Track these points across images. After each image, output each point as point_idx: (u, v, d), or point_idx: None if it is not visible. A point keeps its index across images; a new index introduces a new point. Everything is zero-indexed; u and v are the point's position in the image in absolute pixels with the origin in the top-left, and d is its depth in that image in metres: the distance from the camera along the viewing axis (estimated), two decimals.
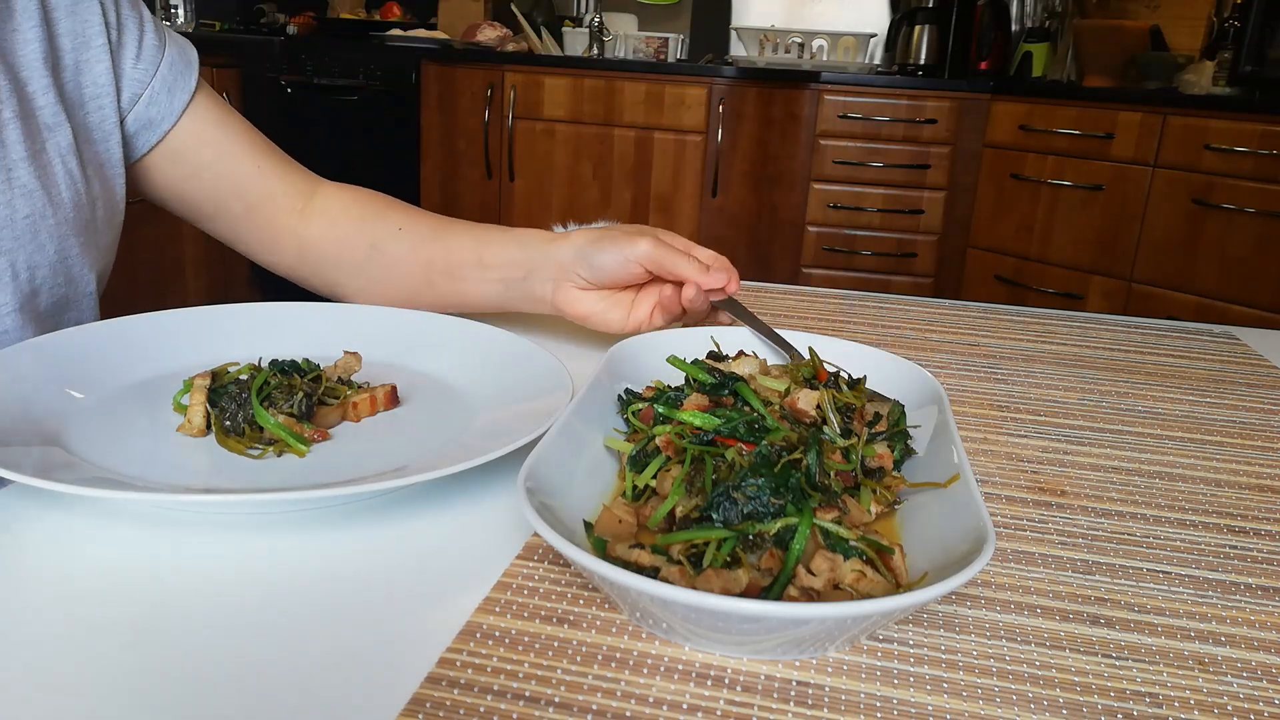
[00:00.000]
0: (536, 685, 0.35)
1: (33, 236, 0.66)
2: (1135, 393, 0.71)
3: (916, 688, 0.36)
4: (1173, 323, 0.92)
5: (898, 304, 0.93)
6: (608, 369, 0.54)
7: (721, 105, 2.87)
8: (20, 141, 0.66)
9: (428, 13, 3.46)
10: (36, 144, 0.67)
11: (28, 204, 0.66)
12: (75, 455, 0.49)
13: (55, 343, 0.60)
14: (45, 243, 0.67)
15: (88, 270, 0.71)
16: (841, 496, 0.43)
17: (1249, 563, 0.47)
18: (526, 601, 0.40)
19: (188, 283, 2.93)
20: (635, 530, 0.43)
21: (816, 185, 3.00)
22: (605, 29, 3.34)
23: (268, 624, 0.38)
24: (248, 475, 0.49)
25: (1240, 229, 2.39)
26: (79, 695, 0.33)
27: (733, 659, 0.37)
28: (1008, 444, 0.60)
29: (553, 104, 2.96)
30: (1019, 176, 2.80)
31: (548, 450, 0.43)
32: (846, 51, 3.30)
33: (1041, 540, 0.48)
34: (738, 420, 0.46)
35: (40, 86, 0.68)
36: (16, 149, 0.66)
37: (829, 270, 3.05)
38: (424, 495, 0.49)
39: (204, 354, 0.62)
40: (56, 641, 0.36)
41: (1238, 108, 2.39)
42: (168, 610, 0.38)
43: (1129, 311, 2.55)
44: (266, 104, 3.08)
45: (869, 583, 0.38)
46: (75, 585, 0.40)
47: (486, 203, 3.10)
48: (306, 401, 0.54)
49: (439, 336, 0.67)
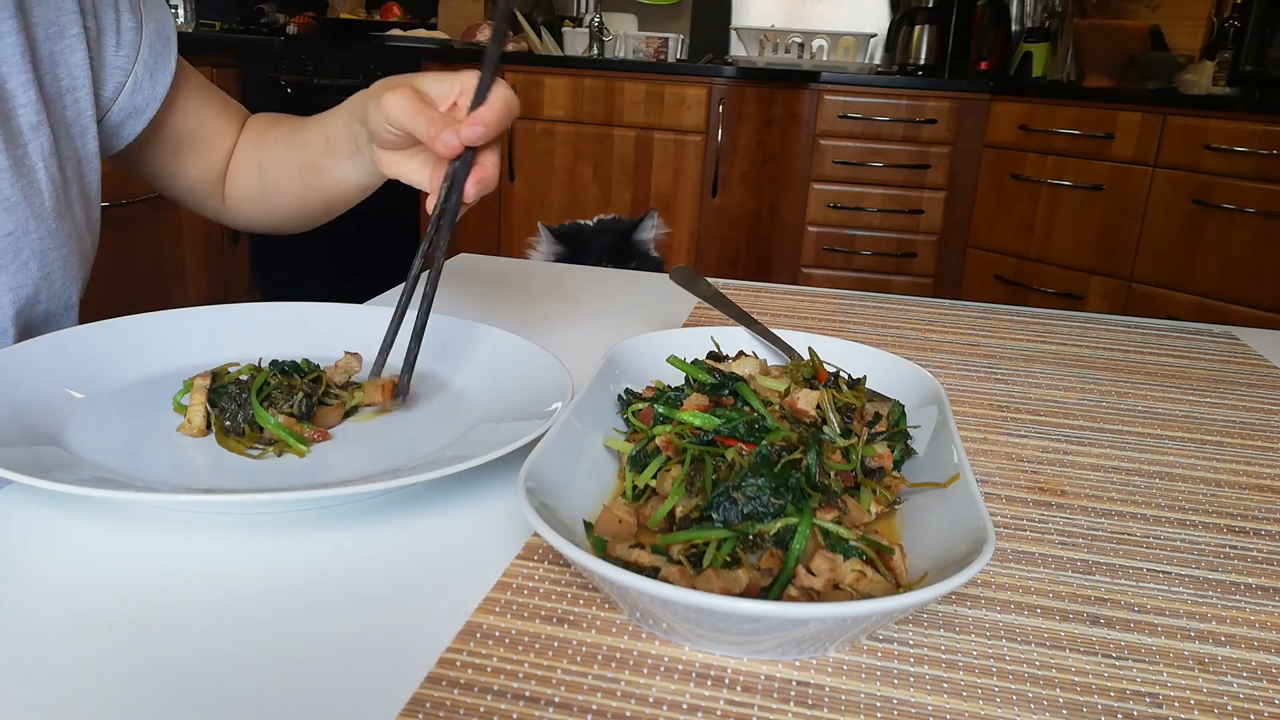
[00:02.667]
0: (536, 685, 0.35)
1: (15, 255, 0.64)
2: (1135, 393, 0.71)
3: (916, 688, 0.36)
4: (1173, 323, 0.92)
5: (898, 304, 0.93)
6: (608, 369, 0.54)
7: (721, 105, 2.86)
8: (2, 151, 0.62)
9: (428, 13, 3.46)
10: (18, 150, 0.64)
11: (10, 220, 0.63)
12: (75, 455, 0.49)
13: (55, 343, 0.60)
14: (28, 260, 0.64)
15: (70, 283, 0.69)
16: (841, 496, 0.43)
17: (1249, 563, 0.47)
18: (526, 601, 0.40)
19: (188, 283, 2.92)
20: (635, 530, 0.43)
21: (816, 185, 2.99)
22: (605, 29, 3.34)
23: (268, 624, 0.38)
24: (248, 475, 0.49)
25: (1240, 229, 2.39)
26: (79, 695, 0.33)
27: (733, 659, 0.37)
28: (1008, 444, 0.60)
29: (553, 104, 2.96)
30: (1019, 176, 2.80)
31: (548, 450, 0.43)
32: (846, 51, 3.30)
33: (1041, 540, 0.48)
34: (738, 420, 0.46)
35: (20, 84, 0.64)
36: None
37: (829, 270, 3.05)
38: (424, 495, 0.49)
39: (204, 354, 0.62)
40: (56, 641, 0.36)
41: (1238, 108, 2.39)
42: (168, 610, 0.38)
43: (1129, 311, 2.55)
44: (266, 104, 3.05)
45: (869, 583, 0.38)
46: (75, 585, 0.40)
47: (486, 202, 3.10)
48: (306, 401, 0.54)
49: (439, 336, 0.66)
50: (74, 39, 0.68)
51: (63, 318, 0.69)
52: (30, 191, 0.64)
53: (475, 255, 1.08)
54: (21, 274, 0.64)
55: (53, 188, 0.66)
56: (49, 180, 0.66)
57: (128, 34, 0.71)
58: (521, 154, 3.02)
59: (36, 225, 0.64)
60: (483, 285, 0.95)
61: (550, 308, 0.90)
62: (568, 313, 0.89)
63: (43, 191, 0.65)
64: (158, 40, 0.74)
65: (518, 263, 1.13)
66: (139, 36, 0.72)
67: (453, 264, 1.03)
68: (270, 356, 0.59)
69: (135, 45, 0.72)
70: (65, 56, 0.67)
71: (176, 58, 0.75)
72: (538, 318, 0.85)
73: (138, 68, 0.72)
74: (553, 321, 0.83)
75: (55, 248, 0.66)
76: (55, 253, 0.66)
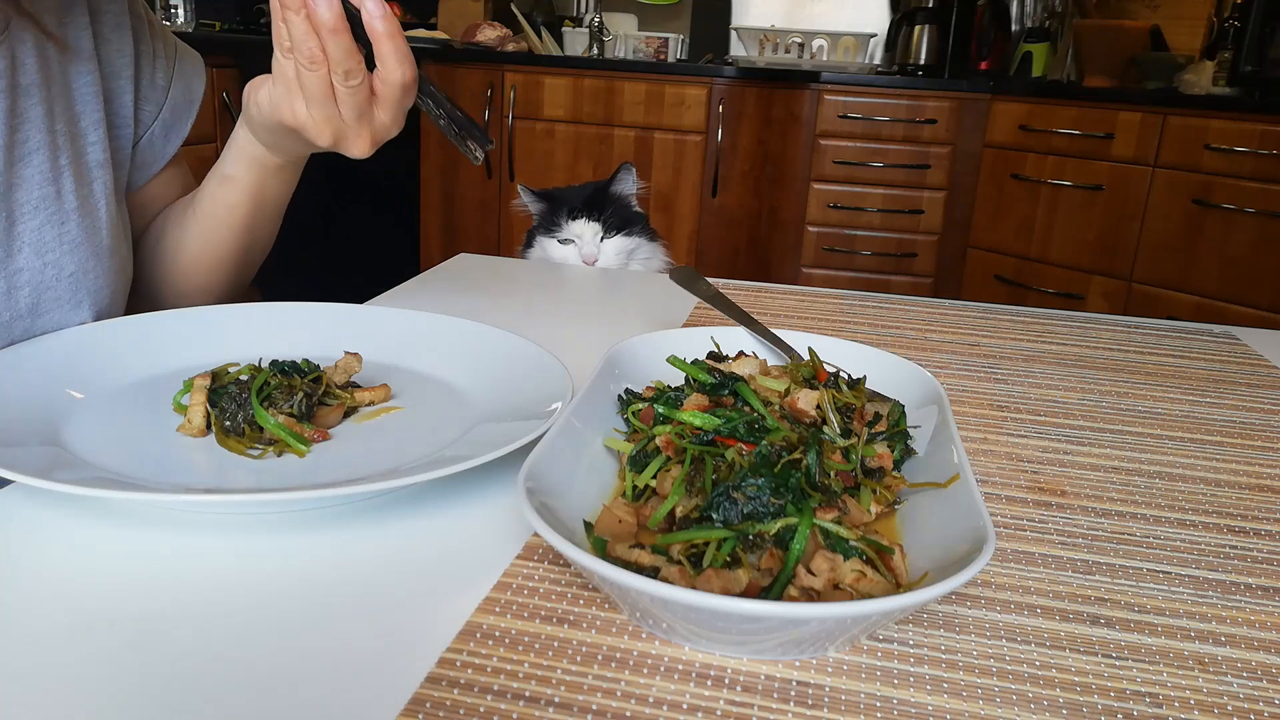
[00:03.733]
0: (536, 685, 0.35)
1: (72, 294, 0.64)
2: (1135, 393, 0.71)
3: (916, 688, 0.36)
4: (1173, 323, 0.92)
5: (898, 304, 0.93)
6: (608, 369, 0.54)
7: (721, 105, 2.86)
8: (73, 191, 0.64)
9: (428, 13, 3.46)
10: (85, 189, 0.65)
11: (73, 260, 0.64)
12: (75, 455, 0.49)
13: (55, 343, 0.60)
14: (83, 299, 0.65)
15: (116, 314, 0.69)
16: (841, 496, 0.43)
17: (1249, 563, 0.47)
18: (526, 601, 0.40)
19: None
20: (635, 530, 0.43)
21: (816, 185, 2.99)
22: (605, 29, 3.34)
23: (268, 624, 0.38)
24: (248, 475, 0.49)
25: (1240, 229, 2.39)
26: (79, 695, 0.33)
27: (733, 659, 0.37)
28: (1008, 444, 0.60)
29: (553, 104, 2.96)
30: (1019, 176, 2.80)
31: (548, 450, 0.43)
32: (846, 51, 3.30)
33: (1041, 540, 0.48)
34: (738, 420, 0.46)
35: (92, 121, 0.66)
36: (69, 199, 0.63)
37: (829, 270, 3.05)
38: (424, 495, 0.49)
39: (204, 354, 0.62)
40: (56, 641, 0.36)
41: (1238, 108, 2.39)
42: (168, 610, 0.38)
43: (1129, 311, 2.55)
44: None
45: (869, 583, 0.38)
46: (75, 585, 0.40)
47: (486, 202, 3.10)
48: (306, 402, 0.54)
49: (439, 336, 0.67)
50: (126, 80, 0.70)
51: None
52: (92, 230, 0.66)
53: (475, 255, 1.08)
54: (75, 312, 0.65)
55: (110, 224, 0.67)
56: (108, 218, 0.67)
57: (158, 90, 0.74)
58: (521, 154, 3.02)
59: (95, 264, 0.66)
60: (483, 285, 0.96)
61: (550, 308, 0.90)
62: (568, 313, 0.89)
63: (102, 229, 0.66)
64: (181, 102, 0.76)
65: (518, 263, 1.13)
66: (165, 96, 0.75)
67: (453, 264, 1.03)
68: (270, 356, 0.59)
69: (160, 103, 0.74)
70: (118, 95, 0.70)
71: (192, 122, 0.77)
72: (538, 318, 0.85)
73: (156, 125, 0.74)
74: (553, 321, 0.83)
75: (108, 285, 0.67)
76: (107, 289, 0.67)
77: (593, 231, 1.18)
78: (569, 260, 1.18)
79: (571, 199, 1.22)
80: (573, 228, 1.18)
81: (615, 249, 1.19)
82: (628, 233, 1.20)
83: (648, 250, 1.23)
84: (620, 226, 1.19)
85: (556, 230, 1.19)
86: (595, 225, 1.18)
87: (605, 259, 1.18)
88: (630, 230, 1.21)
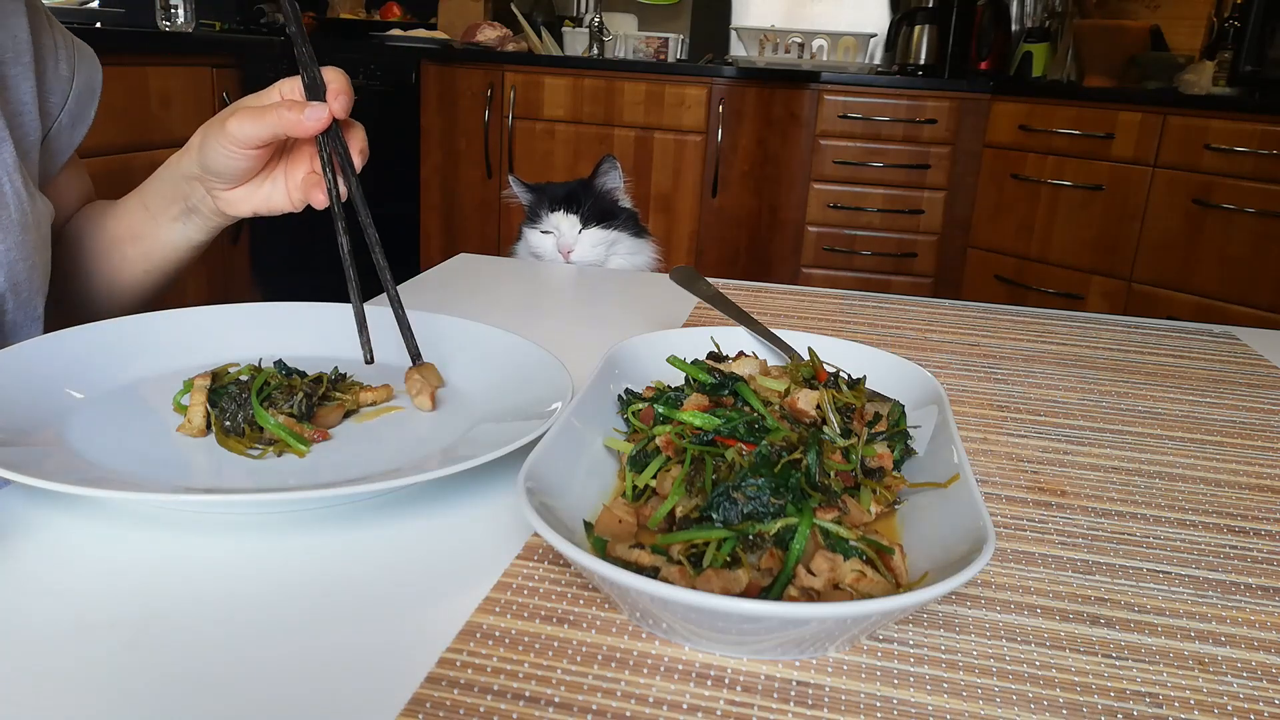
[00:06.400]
0: (536, 685, 0.35)
1: None
2: (1135, 393, 0.71)
3: (916, 688, 0.36)
4: (1173, 323, 0.92)
5: (898, 304, 0.93)
6: (608, 369, 0.54)
7: (721, 105, 2.86)
8: None
9: (428, 13, 3.46)
10: None
11: None
12: (75, 455, 0.49)
13: (55, 343, 0.60)
14: None
15: (35, 294, 0.69)
16: (841, 496, 0.43)
17: (1249, 563, 0.47)
18: (526, 601, 0.40)
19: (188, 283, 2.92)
20: (635, 530, 0.43)
21: (816, 185, 3.00)
22: (605, 29, 3.34)
23: (267, 624, 0.38)
24: (248, 475, 0.49)
25: (1240, 229, 2.39)
26: (79, 695, 0.33)
27: (733, 659, 0.37)
28: (1008, 444, 0.60)
29: (553, 104, 2.96)
30: (1019, 176, 2.80)
31: (548, 450, 0.43)
32: (846, 51, 3.30)
33: (1041, 540, 0.48)
34: (738, 420, 0.46)
35: None
36: None
37: (829, 270, 3.05)
38: (424, 495, 0.49)
39: (204, 354, 0.62)
40: (56, 641, 0.36)
41: (1238, 108, 2.39)
42: (168, 610, 0.38)
43: (1129, 311, 2.55)
44: None
45: (869, 583, 0.38)
46: (75, 585, 0.40)
47: (487, 202, 3.10)
48: (306, 401, 0.54)
49: (439, 336, 0.66)
50: (25, 67, 0.70)
51: (29, 328, 0.70)
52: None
53: (475, 255, 1.08)
54: None
55: (18, 201, 0.67)
56: (14, 193, 0.66)
57: (62, 81, 0.74)
58: (521, 154, 3.02)
59: (3, 237, 0.65)
60: (483, 285, 0.95)
61: (550, 308, 0.91)
62: (568, 313, 0.89)
63: (9, 204, 0.66)
64: (85, 91, 0.76)
65: (517, 263, 1.13)
66: (70, 86, 0.75)
67: (453, 264, 1.03)
68: (270, 356, 0.59)
69: (65, 93, 0.74)
70: (17, 82, 0.70)
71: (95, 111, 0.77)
72: (538, 318, 0.85)
73: (63, 116, 0.74)
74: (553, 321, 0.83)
75: (22, 259, 0.67)
76: (22, 264, 0.67)
77: (570, 223, 1.18)
78: (548, 250, 1.18)
79: (555, 191, 1.22)
80: (552, 219, 1.18)
81: (592, 241, 1.18)
82: (606, 225, 1.19)
83: (631, 245, 1.22)
84: (599, 219, 1.19)
85: (539, 221, 1.20)
86: (573, 217, 1.18)
87: (581, 251, 1.18)
88: (609, 223, 1.20)
